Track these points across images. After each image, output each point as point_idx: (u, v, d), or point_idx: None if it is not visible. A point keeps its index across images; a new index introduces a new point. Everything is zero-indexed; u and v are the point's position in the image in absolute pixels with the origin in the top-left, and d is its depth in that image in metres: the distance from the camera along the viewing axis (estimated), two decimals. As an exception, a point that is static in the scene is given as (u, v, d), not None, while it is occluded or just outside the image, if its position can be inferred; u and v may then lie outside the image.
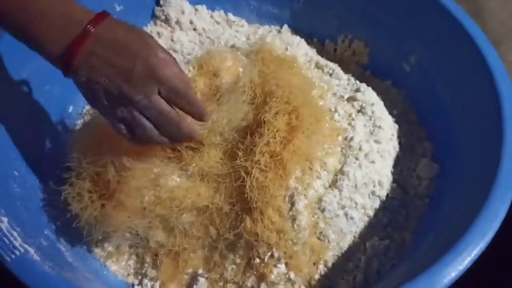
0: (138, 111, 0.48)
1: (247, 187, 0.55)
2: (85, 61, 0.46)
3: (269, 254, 0.56)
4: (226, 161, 0.57)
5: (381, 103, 0.68)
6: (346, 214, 0.58)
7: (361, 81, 0.72)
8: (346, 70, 0.75)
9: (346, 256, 0.58)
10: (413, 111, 0.71)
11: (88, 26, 0.46)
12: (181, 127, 0.50)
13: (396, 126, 0.67)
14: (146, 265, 0.60)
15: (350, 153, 0.61)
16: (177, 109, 0.50)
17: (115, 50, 0.47)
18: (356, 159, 0.60)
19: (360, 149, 0.61)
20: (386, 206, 0.61)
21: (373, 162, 0.61)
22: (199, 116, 0.52)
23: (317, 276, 0.57)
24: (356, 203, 0.59)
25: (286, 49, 0.76)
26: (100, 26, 0.47)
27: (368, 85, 0.70)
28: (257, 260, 0.56)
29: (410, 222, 0.61)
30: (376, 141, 0.63)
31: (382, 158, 0.62)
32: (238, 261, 0.57)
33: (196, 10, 0.81)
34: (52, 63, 0.48)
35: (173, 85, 0.48)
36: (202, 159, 0.57)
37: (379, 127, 0.64)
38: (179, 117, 0.50)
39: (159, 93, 0.48)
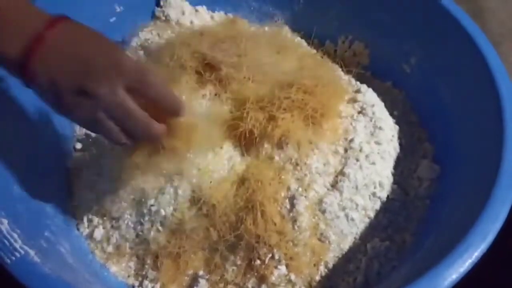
0: (102, 111, 0.46)
1: (251, 181, 0.56)
2: (43, 62, 0.45)
3: (269, 255, 0.56)
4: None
5: (382, 104, 0.68)
6: (346, 216, 0.58)
7: (361, 82, 0.71)
8: (346, 71, 0.74)
9: (347, 258, 0.58)
10: (413, 112, 0.71)
11: (46, 27, 0.45)
12: (150, 126, 0.48)
13: (397, 127, 0.67)
14: (146, 266, 0.60)
15: (350, 154, 0.61)
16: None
17: (75, 48, 0.45)
18: (357, 160, 0.60)
19: (360, 150, 0.61)
20: (387, 207, 0.61)
21: (373, 163, 0.61)
22: (174, 109, 0.49)
23: (317, 278, 0.57)
24: (357, 204, 0.59)
25: (287, 49, 0.75)
26: (58, 28, 0.45)
27: (368, 86, 0.70)
28: (258, 262, 0.56)
29: (410, 223, 0.61)
30: (377, 142, 0.63)
31: (382, 159, 0.62)
32: (238, 262, 0.57)
33: (196, 11, 0.81)
34: (8, 68, 0.47)
35: (140, 73, 0.46)
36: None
37: (380, 128, 0.64)
38: (147, 117, 0.48)
39: (125, 89, 0.46)
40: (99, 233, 0.61)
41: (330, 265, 0.57)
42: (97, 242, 0.61)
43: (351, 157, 0.60)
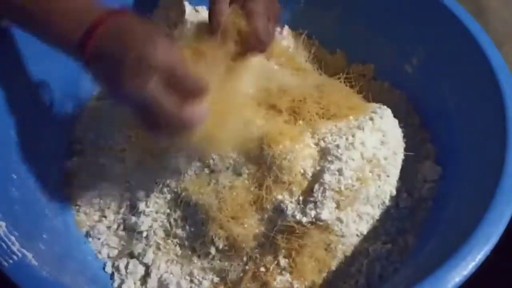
0: (136, 102, 0.46)
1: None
2: (97, 49, 0.46)
3: (275, 263, 0.55)
4: None
5: (385, 107, 0.66)
6: (356, 229, 0.57)
7: (362, 82, 0.71)
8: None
9: (349, 261, 0.57)
10: (415, 113, 0.70)
11: (103, 15, 0.46)
12: (181, 116, 0.47)
13: (400, 129, 0.66)
14: (146, 268, 0.59)
15: (365, 168, 0.57)
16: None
17: (119, 40, 0.46)
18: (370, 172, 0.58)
19: (373, 163, 0.58)
20: (390, 210, 0.60)
21: (385, 173, 0.59)
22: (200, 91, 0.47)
23: (319, 281, 0.56)
24: (367, 214, 0.58)
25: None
26: (114, 17, 0.47)
27: (369, 86, 0.70)
28: (262, 269, 0.56)
29: (413, 225, 0.60)
30: (384, 144, 0.60)
31: (392, 166, 0.60)
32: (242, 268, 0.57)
33: (196, 11, 0.80)
34: (67, 51, 0.49)
35: (169, 68, 0.45)
36: None
37: (386, 131, 0.61)
38: (179, 107, 0.46)
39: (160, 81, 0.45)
40: (98, 235, 0.61)
41: (332, 269, 0.57)
42: (97, 244, 0.61)
43: (366, 171, 0.57)
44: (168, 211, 0.59)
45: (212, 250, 0.57)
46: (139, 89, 0.45)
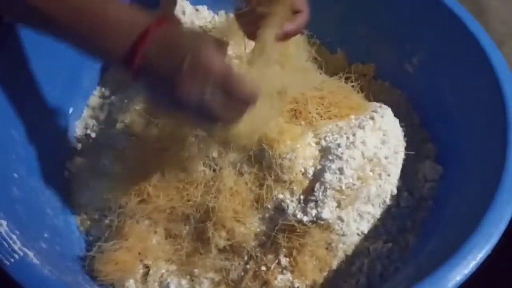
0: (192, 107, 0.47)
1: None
2: (145, 61, 0.45)
3: (275, 262, 0.56)
4: None
5: (385, 106, 0.66)
6: (357, 228, 0.57)
7: (362, 82, 0.70)
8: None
9: (350, 260, 0.57)
10: (416, 112, 0.70)
11: (150, 27, 0.45)
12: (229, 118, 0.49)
13: (401, 128, 0.66)
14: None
15: (365, 167, 0.58)
16: None
17: (169, 48, 0.45)
18: (371, 171, 0.58)
19: (373, 162, 0.58)
20: (391, 210, 0.60)
21: (388, 175, 0.59)
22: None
23: (320, 280, 0.56)
24: (368, 213, 0.58)
25: (287, 49, 0.75)
26: (161, 28, 0.45)
27: (369, 86, 0.70)
28: (263, 268, 0.56)
29: (414, 225, 0.60)
30: (384, 143, 0.61)
31: (393, 166, 0.60)
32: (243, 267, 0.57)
33: (197, 10, 0.81)
34: (114, 64, 0.49)
35: (223, 74, 0.46)
36: None
37: (387, 131, 0.62)
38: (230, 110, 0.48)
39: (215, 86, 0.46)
40: (99, 234, 0.61)
41: (333, 268, 0.57)
42: (98, 244, 0.61)
43: (367, 170, 0.58)
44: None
45: (213, 249, 0.57)
46: (197, 96, 0.45)
